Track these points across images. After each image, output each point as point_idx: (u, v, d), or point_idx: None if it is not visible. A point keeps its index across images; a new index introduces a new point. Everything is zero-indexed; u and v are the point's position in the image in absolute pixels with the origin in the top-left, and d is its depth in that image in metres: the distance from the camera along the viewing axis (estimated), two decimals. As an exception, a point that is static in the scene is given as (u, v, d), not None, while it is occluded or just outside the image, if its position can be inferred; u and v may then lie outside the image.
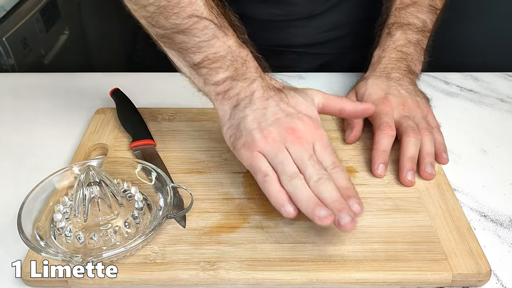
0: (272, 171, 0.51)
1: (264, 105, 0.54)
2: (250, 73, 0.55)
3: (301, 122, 0.53)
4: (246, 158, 0.52)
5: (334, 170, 0.51)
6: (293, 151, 0.51)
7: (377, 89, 0.67)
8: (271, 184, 0.51)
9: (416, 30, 0.73)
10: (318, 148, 0.52)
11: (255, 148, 0.52)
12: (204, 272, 0.49)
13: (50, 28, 1.28)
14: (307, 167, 0.51)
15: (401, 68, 0.70)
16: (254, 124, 0.52)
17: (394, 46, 0.71)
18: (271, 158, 0.51)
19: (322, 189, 0.49)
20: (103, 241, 0.51)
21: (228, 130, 0.55)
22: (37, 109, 0.77)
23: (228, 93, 0.55)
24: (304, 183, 0.50)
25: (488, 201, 0.60)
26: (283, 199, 0.50)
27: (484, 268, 0.50)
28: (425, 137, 0.62)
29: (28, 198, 0.52)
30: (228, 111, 0.55)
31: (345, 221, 0.47)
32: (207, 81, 0.56)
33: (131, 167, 0.58)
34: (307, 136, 0.52)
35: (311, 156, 0.51)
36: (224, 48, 0.54)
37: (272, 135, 0.52)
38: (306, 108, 0.55)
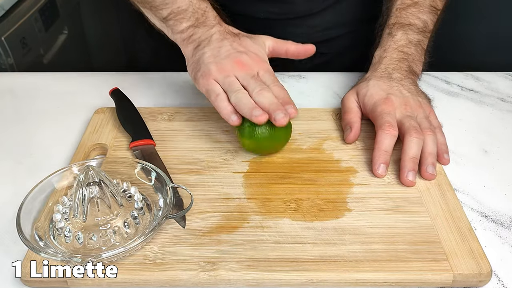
0: (222, 92, 0.61)
1: (220, 44, 0.64)
2: (209, 21, 0.66)
3: (248, 56, 0.63)
4: (203, 85, 0.62)
5: (275, 86, 0.61)
6: (239, 75, 0.61)
7: (379, 89, 0.67)
8: (221, 101, 0.60)
9: (417, 30, 0.73)
10: (261, 73, 0.62)
11: (210, 76, 0.61)
12: (204, 273, 0.49)
13: (49, 27, 1.28)
14: (249, 84, 0.61)
15: (403, 69, 0.70)
16: (210, 58, 0.63)
17: (395, 46, 0.71)
18: (222, 82, 0.61)
19: (261, 98, 0.59)
20: (103, 242, 0.51)
21: (191, 66, 0.65)
22: (36, 108, 0.77)
23: (192, 37, 0.65)
24: (246, 94, 0.60)
25: (489, 201, 0.60)
26: (230, 111, 0.60)
27: (485, 269, 0.50)
28: (428, 137, 0.62)
29: (27, 198, 0.52)
30: (191, 51, 0.65)
31: (279, 116, 0.57)
32: (174, 30, 0.67)
33: (131, 167, 0.58)
34: (252, 66, 0.62)
35: (253, 76, 0.62)
36: (186, 2, 0.66)
37: (223, 66, 0.62)
38: (255, 48, 0.65)
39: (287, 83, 0.82)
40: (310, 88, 0.82)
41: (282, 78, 0.84)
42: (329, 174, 0.61)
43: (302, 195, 0.58)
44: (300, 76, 0.84)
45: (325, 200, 0.58)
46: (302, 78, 0.84)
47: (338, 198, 0.58)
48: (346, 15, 0.86)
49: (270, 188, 0.59)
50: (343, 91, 0.76)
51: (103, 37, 1.48)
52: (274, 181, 0.60)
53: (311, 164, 0.63)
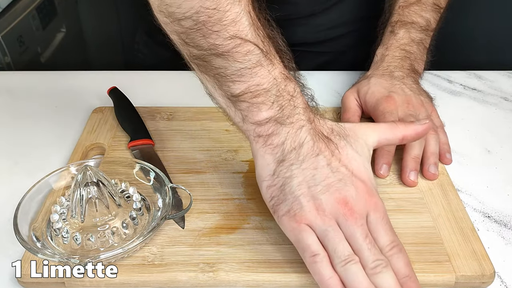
0: (323, 251, 0.46)
1: (314, 164, 0.48)
2: (298, 114, 0.49)
3: (354, 189, 0.47)
4: (291, 230, 0.47)
5: (392, 252, 0.46)
6: (346, 228, 0.46)
7: (381, 87, 0.67)
8: (323, 267, 0.45)
9: (420, 29, 0.73)
10: (373, 221, 0.47)
11: (303, 219, 0.46)
12: (203, 274, 0.49)
13: (46, 25, 1.28)
14: (363, 250, 0.45)
15: (405, 67, 0.70)
16: (302, 188, 0.47)
17: (397, 44, 0.71)
18: (320, 234, 0.46)
19: (380, 281, 0.44)
20: (101, 242, 0.51)
21: (270, 189, 0.49)
22: (34, 108, 0.77)
23: (271, 138, 0.49)
24: (361, 269, 0.45)
25: (492, 201, 0.60)
26: (337, 285, 0.44)
27: (488, 270, 0.50)
28: (430, 136, 0.62)
29: (24, 198, 0.52)
30: (271, 165, 0.49)
31: None
32: (247, 118, 0.49)
33: (129, 167, 0.58)
34: (361, 208, 0.47)
35: (366, 236, 0.46)
36: (269, 79, 0.48)
37: (322, 206, 0.46)
38: (359, 166, 0.49)
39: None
40: (311, 87, 0.81)
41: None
42: (330, 174, 0.61)
43: (303, 195, 0.58)
44: (301, 75, 0.84)
45: (326, 201, 0.57)
46: (303, 77, 0.83)
47: (339, 198, 0.58)
48: (348, 14, 0.86)
49: (270, 188, 0.59)
50: (344, 90, 0.76)
51: (101, 36, 1.48)
52: (274, 181, 0.60)
53: (312, 164, 0.63)
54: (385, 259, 0.45)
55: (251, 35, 0.47)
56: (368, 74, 0.71)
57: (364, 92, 0.68)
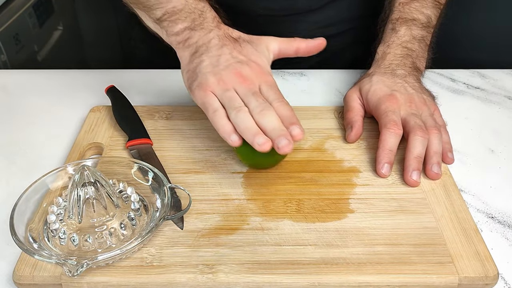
0: (221, 107, 0.57)
1: (219, 52, 0.60)
2: (207, 23, 0.62)
3: (249, 68, 0.59)
4: (199, 97, 0.58)
5: (278, 104, 0.57)
6: (239, 90, 0.57)
7: (383, 86, 0.67)
8: (220, 118, 0.56)
9: (421, 26, 0.73)
10: (264, 88, 0.58)
11: (208, 88, 0.58)
12: (202, 275, 0.49)
13: (43, 23, 1.28)
14: (251, 101, 0.56)
15: (407, 65, 0.70)
16: (208, 68, 0.59)
17: (399, 42, 0.71)
18: (220, 96, 0.57)
19: (264, 119, 0.55)
20: (98, 243, 0.51)
21: (187, 74, 0.61)
22: (30, 107, 0.77)
23: (188, 41, 0.62)
24: (248, 114, 0.55)
25: (495, 202, 0.60)
26: (230, 130, 0.56)
27: (492, 271, 0.50)
28: (433, 135, 0.62)
29: (20, 199, 0.52)
30: (187, 57, 0.61)
31: (282, 144, 0.53)
32: (169, 32, 0.63)
33: (127, 167, 0.58)
34: (253, 79, 0.59)
35: (255, 92, 0.57)
36: (181, 2, 0.62)
37: (222, 77, 0.58)
38: (256, 57, 0.61)
39: (288, 80, 0.82)
40: (311, 85, 0.82)
41: (283, 75, 0.84)
42: (331, 174, 0.61)
43: (303, 195, 0.58)
44: (301, 73, 0.84)
45: (327, 201, 0.58)
46: (303, 75, 0.84)
47: (340, 199, 0.58)
48: (347, 11, 0.86)
49: (271, 189, 0.59)
50: (345, 88, 0.76)
51: (99, 34, 1.48)
52: (274, 181, 0.60)
53: (313, 164, 0.63)
54: (269, 105, 0.56)
55: None
56: (370, 72, 0.71)
57: (366, 91, 0.68)
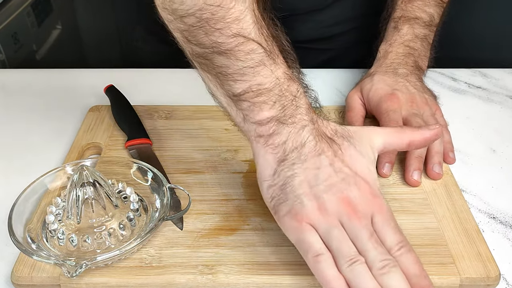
0: (326, 250, 0.44)
1: (317, 164, 0.47)
2: (300, 115, 0.48)
3: (357, 189, 0.47)
4: (292, 230, 0.46)
5: (400, 252, 0.45)
6: (350, 228, 0.45)
7: (384, 85, 0.67)
8: (328, 268, 0.44)
9: (424, 24, 0.73)
10: (379, 222, 0.46)
11: (305, 218, 0.46)
12: (202, 276, 0.49)
13: (42, 22, 1.28)
14: (368, 250, 0.44)
15: (409, 64, 0.70)
16: (304, 187, 0.46)
17: (401, 40, 0.71)
18: (323, 234, 0.45)
19: (389, 281, 0.43)
20: (97, 244, 0.51)
21: (270, 189, 0.48)
22: (29, 106, 0.77)
23: (273, 138, 0.48)
24: (367, 269, 0.43)
25: (497, 202, 0.60)
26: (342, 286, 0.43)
27: (493, 272, 0.50)
28: None
29: (19, 199, 0.52)
30: (272, 165, 0.48)
31: None
32: (248, 117, 0.49)
33: (126, 167, 0.58)
34: (365, 208, 0.46)
35: (371, 235, 0.45)
36: (271, 79, 0.48)
37: (325, 205, 0.46)
38: (363, 167, 0.49)
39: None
40: (312, 85, 0.81)
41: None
42: (331, 174, 0.61)
43: (304, 196, 0.58)
44: (304, 74, 0.84)
45: (327, 201, 0.57)
46: (306, 77, 0.83)
47: (341, 199, 0.58)
48: (352, 10, 0.86)
49: (271, 189, 0.59)
50: (347, 88, 0.76)
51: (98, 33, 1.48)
52: (274, 182, 0.60)
53: (313, 164, 0.63)
54: (392, 258, 0.44)
55: (254, 33, 0.47)
56: (371, 72, 0.70)
57: (367, 90, 0.68)
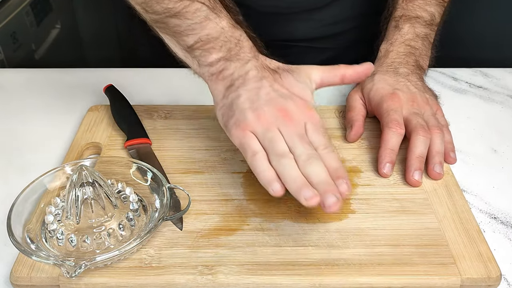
0: (261, 150, 0.52)
1: (258, 85, 0.55)
2: (244, 53, 0.57)
3: (293, 102, 0.55)
4: (237, 137, 0.54)
5: (325, 151, 0.53)
6: (284, 131, 0.53)
7: (385, 84, 0.67)
8: (260, 162, 0.52)
9: (425, 23, 0.73)
10: (310, 128, 0.54)
11: (247, 127, 0.53)
12: (201, 277, 0.49)
13: (41, 21, 1.28)
14: (297, 147, 0.52)
15: (410, 63, 0.70)
16: (246, 103, 0.54)
17: (402, 40, 0.71)
18: (261, 137, 0.53)
19: (310, 170, 0.51)
20: (97, 244, 0.51)
21: (221, 110, 0.56)
22: (28, 106, 0.77)
23: (222, 73, 0.57)
24: (293, 162, 0.51)
25: (498, 202, 0.60)
26: (271, 177, 0.51)
27: (494, 273, 0.50)
28: (435, 135, 0.62)
29: (18, 199, 0.52)
30: (222, 91, 0.57)
31: (330, 202, 0.49)
32: (201, 62, 0.57)
33: (126, 167, 0.58)
34: (299, 116, 0.54)
35: (301, 136, 0.53)
36: (216, 29, 0.56)
37: (264, 114, 0.53)
38: (300, 89, 0.57)
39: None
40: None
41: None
42: (332, 174, 0.61)
43: (304, 196, 0.58)
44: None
45: (328, 201, 0.58)
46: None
47: (341, 199, 0.58)
48: (350, 9, 0.86)
49: (271, 189, 0.59)
50: (347, 88, 0.76)
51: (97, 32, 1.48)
52: (275, 182, 0.60)
53: (314, 164, 0.63)
54: (316, 153, 0.52)
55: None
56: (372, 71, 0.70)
57: (368, 90, 0.68)
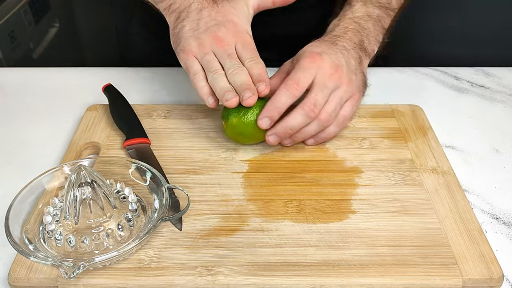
0: (201, 70, 0.62)
1: (198, 16, 0.65)
2: None
3: (225, 28, 0.63)
4: (183, 60, 0.64)
5: (251, 63, 0.61)
6: (218, 53, 0.62)
7: (314, 47, 0.63)
8: (199, 80, 0.62)
9: (379, 5, 0.71)
10: (239, 48, 0.62)
11: (190, 52, 0.63)
12: (201, 278, 0.49)
13: (39, 20, 1.28)
14: (226, 63, 0.61)
15: (352, 40, 0.67)
16: (189, 32, 0.64)
17: (351, 16, 0.70)
18: (201, 60, 0.62)
19: (236, 78, 0.60)
20: (95, 245, 0.51)
21: (172, 38, 0.66)
22: (26, 106, 0.77)
23: (171, 7, 0.67)
24: (222, 75, 0.61)
25: (500, 202, 0.60)
26: (207, 92, 0.62)
27: (496, 273, 0.50)
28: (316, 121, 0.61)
29: (16, 199, 0.52)
30: (172, 22, 0.67)
31: (246, 96, 0.58)
32: (156, 0, 0.69)
33: (125, 167, 0.58)
34: (229, 39, 0.62)
35: (230, 54, 0.62)
36: None
37: (202, 42, 0.62)
38: (234, 16, 0.65)
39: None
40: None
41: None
42: (332, 174, 0.61)
43: (304, 196, 0.58)
44: None
45: (328, 202, 0.58)
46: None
47: (342, 199, 0.58)
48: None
49: (271, 189, 0.59)
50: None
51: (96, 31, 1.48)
52: (275, 182, 0.60)
53: (314, 164, 0.63)
54: (242, 65, 0.61)
55: None
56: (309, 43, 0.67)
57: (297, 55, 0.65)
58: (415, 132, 0.68)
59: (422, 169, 0.62)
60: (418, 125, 0.69)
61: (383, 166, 0.63)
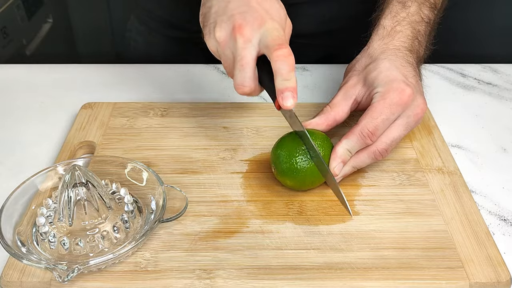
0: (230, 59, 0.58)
1: None
2: None
3: (252, 18, 0.57)
4: (210, 46, 0.60)
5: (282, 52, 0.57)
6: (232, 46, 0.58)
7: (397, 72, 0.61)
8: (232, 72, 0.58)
9: (430, 6, 0.68)
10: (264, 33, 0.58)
11: (211, 41, 0.59)
12: (199, 281, 0.49)
13: (32, 15, 1.28)
14: None
15: (414, 51, 0.64)
16: (213, 16, 0.59)
17: (409, 20, 0.66)
18: (219, 52, 0.59)
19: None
20: (90, 247, 0.51)
21: (201, 17, 0.62)
22: (18, 104, 0.76)
23: None
24: None
25: (508, 204, 0.60)
26: None
27: (504, 277, 0.50)
28: (369, 153, 0.59)
29: (8, 200, 0.52)
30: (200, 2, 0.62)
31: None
32: None
33: (121, 166, 0.58)
34: (250, 33, 0.57)
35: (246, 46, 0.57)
36: None
37: (221, 32, 0.58)
38: (270, 7, 0.59)
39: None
40: (314, 81, 0.82)
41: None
42: (335, 175, 0.61)
43: (306, 197, 0.58)
44: (304, 68, 0.84)
45: (330, 203, 0.58)
46: (305, 70, 0.84)
47: (345, 200, 0.58)
48: (353, 6, 0.85)
49: (271, 190, 0.59)
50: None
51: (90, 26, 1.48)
52: (275, 182, 0.60)
53: (316, 164, 0.63)
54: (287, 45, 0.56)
55: None
56: (376, 54, 0.64)
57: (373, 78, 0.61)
58: (420, 131, 0.68)
59: (428, 169, 0.62)
60: (423, 123, 0.69)
61: (387, 166, 0.63)
